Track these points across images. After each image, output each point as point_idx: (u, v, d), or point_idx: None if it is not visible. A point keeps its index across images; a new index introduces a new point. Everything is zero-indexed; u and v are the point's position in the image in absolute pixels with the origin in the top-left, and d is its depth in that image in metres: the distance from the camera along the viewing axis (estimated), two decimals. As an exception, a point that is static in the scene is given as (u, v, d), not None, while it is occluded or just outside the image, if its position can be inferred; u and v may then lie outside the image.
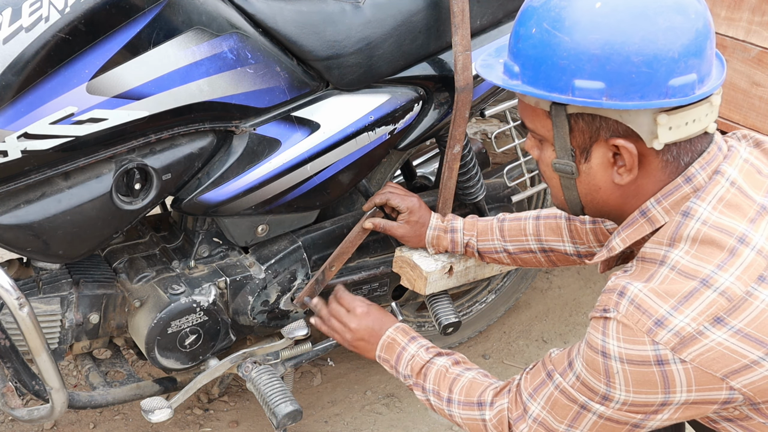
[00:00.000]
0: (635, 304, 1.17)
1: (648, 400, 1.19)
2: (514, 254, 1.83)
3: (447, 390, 1.54)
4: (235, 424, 2.25)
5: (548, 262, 1.81)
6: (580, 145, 1.25)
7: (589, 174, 1.28)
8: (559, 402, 1.30)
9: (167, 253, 1.86)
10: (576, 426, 1.29)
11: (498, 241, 1.84)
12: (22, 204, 1.50)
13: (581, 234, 1.71)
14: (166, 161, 1.61)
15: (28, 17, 1.38)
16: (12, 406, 1.65)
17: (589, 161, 1.26)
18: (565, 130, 1.25)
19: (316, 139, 1.76)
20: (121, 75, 1.47)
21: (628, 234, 1.29)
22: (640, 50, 1.16)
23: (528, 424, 1.36)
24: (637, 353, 1.17)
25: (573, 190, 1.32)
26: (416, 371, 1.60)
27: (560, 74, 1.20)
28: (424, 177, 2.32)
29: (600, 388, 1.23)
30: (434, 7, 1.80)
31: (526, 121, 1.32)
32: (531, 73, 1.24)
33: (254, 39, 1.62)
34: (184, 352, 1.78)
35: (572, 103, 1.20)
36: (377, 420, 2.30)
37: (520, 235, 1.81)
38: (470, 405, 1.49)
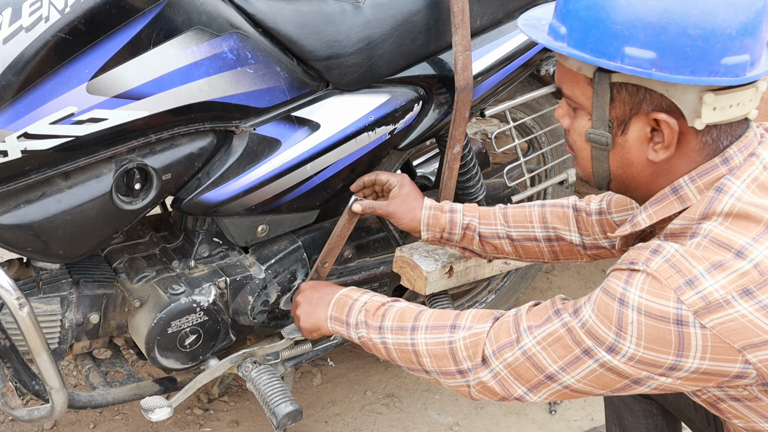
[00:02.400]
0: (670, 262, 1.14)
1: (658, 359, 1.15)
2: (516, 241, 1.73)
3: (412, 320, 1.43)
4: (235, 424, 2.25)
5: (551, 253, 1.73)
6: (619, 117, 1.22)
7: (624, 147, 1.24)
8: (560, 341, 1.24)
9: (167, 253, 1.86)
10: (569, 370, 1.23)
11: (501, 226, 1.73)
12: (22, 204, 1.50)
13: (587, 225, 1.66)
14: (166, 161, 1.61)
15: (28, 17, 1.38)
16: (12, 406, 1.65)
17: (626, 134, 1.23)
18: (605, 99, 1.21)
19: (316, 139, 1.76)
20: (121, 75, 1.47)
21: (655, 210, 1.26)
22: (699, 23, 1.11)
23: (515, 355, 1.28)
24: (657, 307, 1.13)
25: (604, 162, 1.28)
26: (372, 312, 1.49)
27: (611, 39, 1.16)
28: (424, 177, 2.32)
29: (608, 337, 1.17)
30: (434, 7, 1.80)
31: (563, 87, 1.28)
32: (579, 35, 1.19)
33: (254, 39, 1.62)
34: (184, 352, 1.78)
35: (620, 71, 1.16)
36: (377, 420, 2.30)
37: (524, 221, 1.72)
38: (440, 328, 1.40)
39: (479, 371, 1.33)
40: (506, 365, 1.30)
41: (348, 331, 1.53)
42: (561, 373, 1.24)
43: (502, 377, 1.30)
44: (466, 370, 1.34)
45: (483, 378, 1.32)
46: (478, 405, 2.38)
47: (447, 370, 1.37)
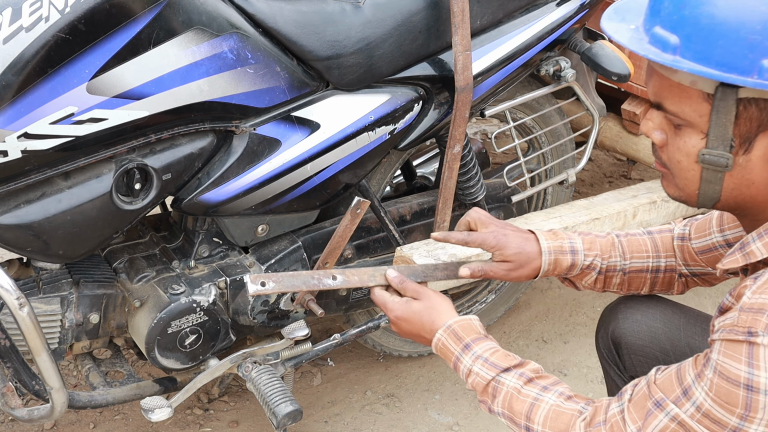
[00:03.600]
0: None
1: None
2: (627, 274, 1.56)
3: (524, 418, 1.29)
4: (235, 424, 2.25)
5: (650, 285, 1.57)
6: (743, 134, 1.09)
7: (746, 168, 1.11)
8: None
9: (167, 253, 1.86)
10: None
11: (620, 258, 1.55)
12: (22, 204, 1.50)
13: (672, 249, 1.54)
14: (166, 161, 1.61)
15: (28, 17, 1.38)
16: (12, 406, 1.65)
17: (750, 153, 1.10)
18: (729, 116, 1.07)
19: (316, 139, 1.76)
20: (121, 75, 1.47)
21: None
22: None
23: None
24: None
25: (717, 184, 1.14)
26: (480, 390, 1.34)
27: (747, 51, 1.02)
28: (424, 177, 2.32)
29: (730, 421, 1.07)
30: (434, 7, 1.80)
31: (666, 102, 1.13)
32: (700, 47, 1.05)
33: (254, 39, 1.62)
34: (184, 352, 1.78)
35: (758, 87, 1.02)
36: (377, 420, 2.30)
37: (639, 251, 1.55)
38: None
39: None
40: None
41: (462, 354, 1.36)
42: None
43: None
44: None
45: None
46: (478, 405, 2.37)
47: None
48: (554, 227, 2.08)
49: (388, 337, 2.36)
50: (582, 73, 2.25)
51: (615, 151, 2.58)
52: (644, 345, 1.56)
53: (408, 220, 2.08)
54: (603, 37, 2.18)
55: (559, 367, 2.50)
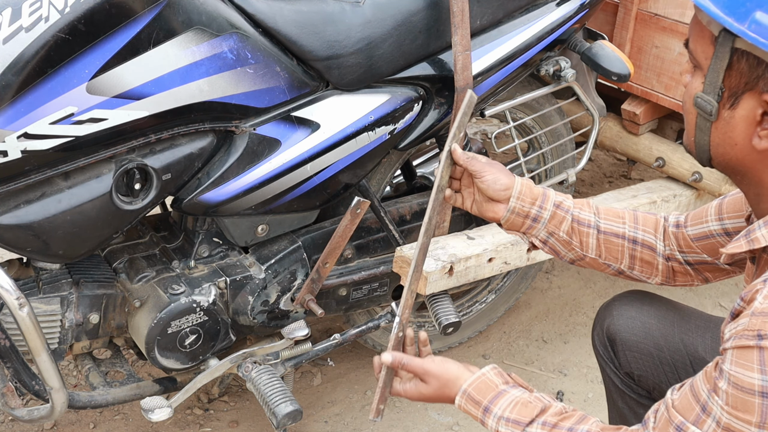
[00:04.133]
0: None
1: None
2: (602, 234, 1.55)
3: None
4: (235, 424, 2.25)
5: (630, 258, 1.56)
6: (732, 88, 1.11)
7: (729, 124, 1.13)
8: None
9: (167, 253, 1.86)
10: None
11: (593, 215, 1.56)
12: (22, 204, 1.50)
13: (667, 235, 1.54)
14: (166, 161, 1.61)
15: (28, 17, 1.38)
16: (12, 406, 1.65)
17: (735, 109, 1.11)
18: (723, 64, 1.10)
19: (316, 139, 1.76)
20: (121, 75, 1.47)
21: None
22: None
23: None
24: None
25: (705, 134, 1.17)
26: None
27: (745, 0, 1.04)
28: (424, 177, 2.32)
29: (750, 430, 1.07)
30: (434, 7, 1.80)
31: (690, 39, 1.16)
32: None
33: (254, 39, 1.62)
34: (184, 352, 1.78)
35: (743, 37, 1.05)
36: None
37: (615, 216, 1.56)
38: None
39: None
40: None
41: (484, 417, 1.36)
42: None
43: None
44: None
45: None
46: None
47: None
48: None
49: (388, 336, 2.36)
50: (582, 73, 2.25)
51: (615, 151, 2.58)
52: (638, 341, 1.57)
53: (408, 220, 2.08)
54: (603, 37, 2.18)
55: (559, 367, 2.50)
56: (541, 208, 1.55)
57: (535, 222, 1.56)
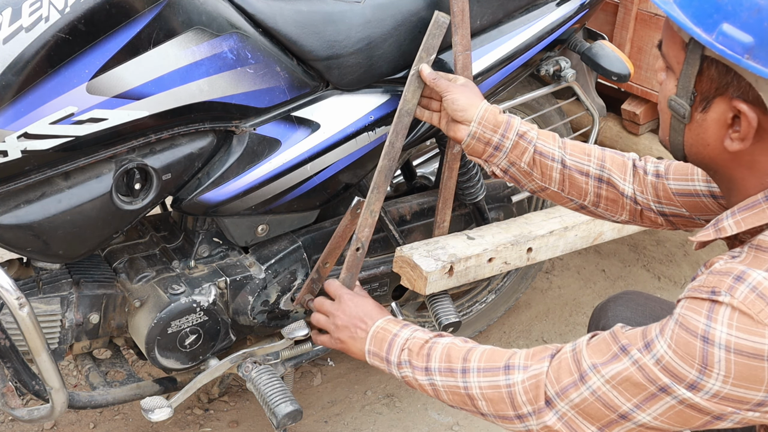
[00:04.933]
0: (758, 292, 1.05)
1: (745, 395, 1.07)
2: (567, 169, 1.57)
3: (461, 361, 1.34)
4: (235, 424, 2.25)
5: (595, 195, 1.58)
6: (703, 92, 1.13)
7: (701, 126, 1.16)
8: (632, 379, 1.15)
9: (167, 253, 1.86)
10: (645, 408, 1.15)
11: (558, 149, 1.57)
12: (22, 204, 1.50)
13: (643, 182, 1.54)
14: (166, 161, 1.61)
15: (28, 17, 1.38)
16: (12, 406, 1.65)
17: (706, 112, 1.14)
18: (694, 70, 1.12)
19: (316, 139, 1.76)
20: (121, 75, 1.47)
21: (744, 217, 1.16)
22: None
23: (582, 395, 1.19)
24: (751, 345, 1.04)
25: (679, 134, 1.20)
26: (415, 352, 1.41)
27: (713, 11, 1.07)
28: (424, 177, 2.32)
29: (689, 374, 1.10)
30: (434, 7, 1.80)
31: (663, 41, 1.19)
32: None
33: (254, 39, 1.62)
34: (184, 352, 1.78)
35: (712, 48, 1.07)
36: (377, 420, 2.30)
37: (582, 153, 1.57)
38: (494, 371, 1.30)
39: (543, 415, 1.24)
40: (573, 406, 1.21)
41: (389, 368, 1.46)
42: (636, 411, 1.16)
43: (569, 418, 1.22)
44: (526, 414, 1.26)
45: (548, 422, 1.24)
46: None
47: (505, 414, 1.29)
48: (554, 228, 2.08)
49: (388, 337, 2.35)
50: (582, 73, 2.25)
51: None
52: None
53: (408, 220, 2.08)
54: (603, 37, 2.18)
55: (559, 367, 2.50)
56: (503, 136, 1.58)
57: (496, 150, 1.59)
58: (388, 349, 1.46)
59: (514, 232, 2.04)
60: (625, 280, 2.87)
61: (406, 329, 1.47)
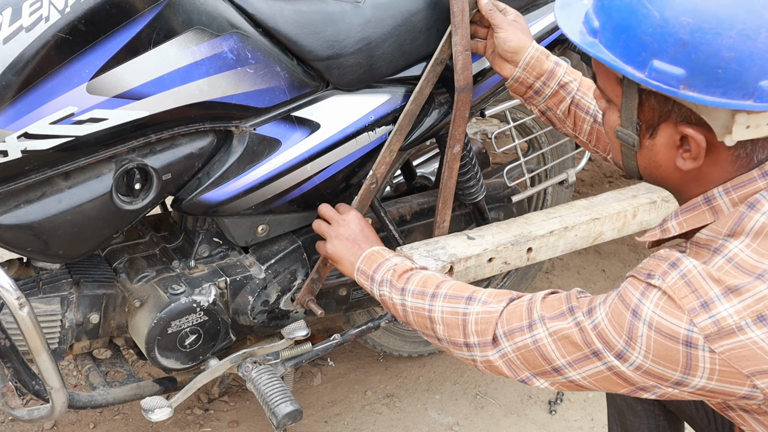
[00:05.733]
0: (686, 279, 1.11)
1: (664, 373, 1.14)
2: (598, 123, 1.64)
3: (434, 287, 1.44)
4: (235, 424, 2.25)
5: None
6: (648, 120, 1.17)
7: (652, 151, 1.20)
8: (571, 338, 1.23)
9: (167, 253, 1.86)
10: (577, 367, 1.23)
11: (595, 104, 1.63)
12: (22, 204, 1.50)
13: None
14: (166, 161, 1.61)
15: (28, 17, 1.38)
16: (12, 406, 1.65)
17: (654, 138, 1.18)
18: (634, 102, 1.16)
19: (316, 139, 1.76)
20: (122, 75, 1.47)
21: (686, 219, 1.22)
22: (735, 45, 1.04)
23: (525, 341, 1.28)
24: (669, 325, 1.11)
25: (632, 160, 1.24)
26: (398, 273, 1.51)
27: (640, 49, 1.10)
28: (424, 177, 2.32)
29: (618, 344, 1.17)
30: (434, 7, 1.80)
31: (597, 76, 1.23)
32: (610, 36, 1.13)
33: (254, 39, 1.62)
34: (184, 352, 1.78)
35: (646, 85, 1.11)
36: (377, 420, 2.30)
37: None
38: (457, 298, 1.39)
39: (487, 350, 1.33)
40: (515, 348, 1.30)
41: (371, 286, 1.55)
42: (568, 368, 1.25)
43: (509, 359, 1.31)
44: (473, 344, 1.35)
45: (491, 357, 1.33)
46: (478, 405, 2.38)
47: (456, 340, 1.38)
48: (554, 228, 2.08)
49: (388, 337, 2.36)
50: (582, 73, 2.25)
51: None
52: None
53: (408, 220, 2.08)
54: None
55: (559, 367, 2.50)
56: (544, 84, 1.67)
57: (536, 94, 1.69)
58: (376, 268, 1.56)
59: (514, 232, 2.04)
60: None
61: (397, 257, 1.58)
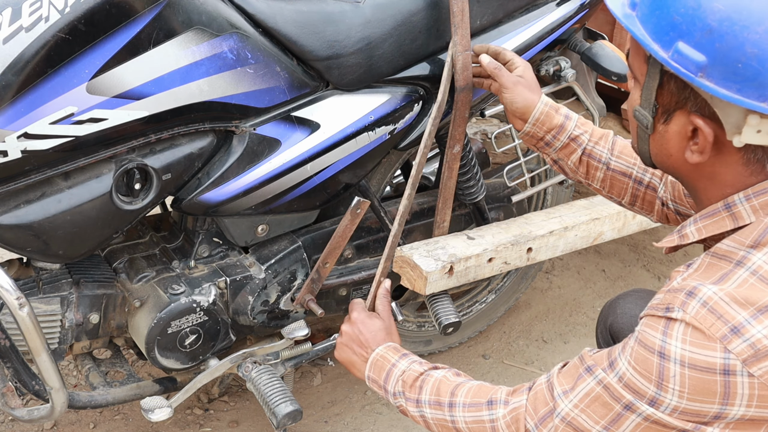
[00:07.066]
0: (708, 307, 1.08)
1: (702, 409, 1.10)
2: (611, 171, 1.64)
3: (449, 395, 1.40)
4: (235, 424, 2.25)
5: (632, 196, 1.64)
6: (665, 105, 1.17)
7: (664, 137, 1.19)
8: (599, 399, 1.18)
9: (167, 253, 1.86)
10: (613, 428, 1.17)
11: (607, 152, 1.65)
12: (22, 204, 1.50)
13: (666, 180, 1.59)
14: (166, 161, 1.61)
15: (28, 17, 1.38)
16: (12, 406, 1.65)
17: (668, 124, 1.18)
18: (655, 83, 1.16)
19: (316, 139, 1.76)
20: (121, 75, 1.47)
21: (705, 225, 1.20)
22: (760, 43, 1.04)
23: (555, 424, 1.23)
24: (703, 359, 1.07)
25: (645, 143, 1.24)
26: (409, 384, 1.47)
27: (669, 29, 1.10)
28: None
29: (649, 390, 1.13)
30: (434, 7, 1.80)
31: (630, 52, 1.23)
32: (647, 11, 1.14)
33: (254, 39, 1.62)
34: (184, 352, 1.78)
35: (666, 65, 1.11)
36: (377, 420, 2.30)
37: (630, 155, 1.63)
38: (478, 406, 1.35)
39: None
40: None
41: (386, 396, 1.52)
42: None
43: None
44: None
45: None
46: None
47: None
48: (554, 228, 2.08)
49: (388, 337, 2.35)
50: (582, 73, 2.25)
51: (615, 151, 2.58)
52: None
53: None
54: (603, 37, 2.18)
55: (559, 367, 2.50)
56: (554, 138, 1.68)
57: (547, 146, 1.71)
58: (386, 378, 1.52)
59: (514, 232, 2.04)
60: (625, 280, 2.87)
61: (404, 360, 1.52)
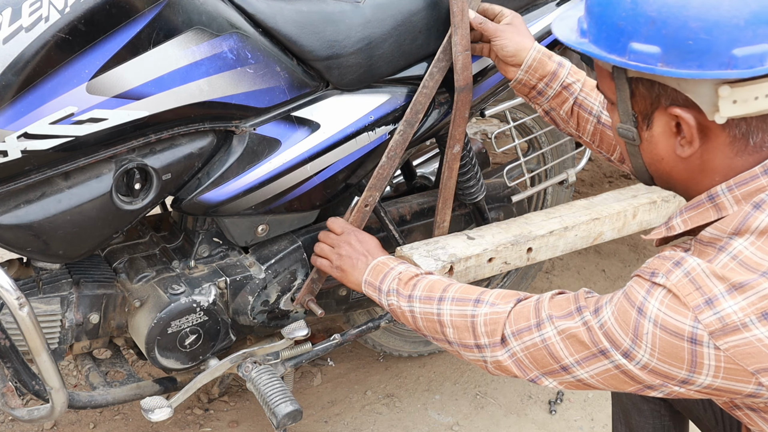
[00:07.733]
0: (690, 278, 1.13)
1: (670, 371, 1.15)
2: (602, 124, 1.68)
3: (440, 291, 1.47)
4: (235, 424, 2.25)
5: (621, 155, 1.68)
6: (642, 111, 1.21)
7: (651, 142, 1.23)
8: (578, 337, 1.25)
9: (167, 253, 1.86)
10: (585, 366, 1.25)
11: (598, 104, 1.70)
12: (22, 204, 1.50)
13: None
14: (166, 161, 1.61)
15: (28, 17, 1.38)
16: (12, 406, 1.65)
17: (651, 129, 1.21)
18: (626, 93, 1.20)
19: (316, 139, 1.76)
20: (121, 75, 1.47)
21: (690, 216, 1.23)
22: (699, 15, 1.09)
23: (533, 340, 1.30)
24: (674, 323, 1.12)
25: (638, 157, 1.27)
26: (404, 281, 1.54)
27: (618, 35, 1.16)
28: (424, 177, 2.32)
29: (624, 342, 1.18)
30: (434, 7, 1.80)
31: (597, 79, 1.28)
32: (595, 31, 1.20)
33: (254, 39, 1.62)
34: (184, 352, 1.78)
35: (627, 67, 1.16)
36: (377, 420, 2.30)
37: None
38: (465, 301, 1.42)
39: (496, 350, 1.36)
40: (524, 348, 1.32)
41: (379, 296, 1.59)
42: (575, 367, 1.26)
43: (518, 358, 1.33)
44: (483, 345, 1.37)
45: (500, 357, 1.35)
46: (478, 405, 2.38)
47: (466, 343, 1.40)
48: (554, 228, 2.08)
49: (388, 337, 2.36)
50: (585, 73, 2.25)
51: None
52: None
53: (408, 220, 2.08)
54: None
55: (559, 367, 2.50)
56: (547, 85, 1.70)
57: (539, 95, 1.72)
58: (383, 279, 1.60)
59: (514, 232, 2.04)
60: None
61: (402, 265, 1.61)
